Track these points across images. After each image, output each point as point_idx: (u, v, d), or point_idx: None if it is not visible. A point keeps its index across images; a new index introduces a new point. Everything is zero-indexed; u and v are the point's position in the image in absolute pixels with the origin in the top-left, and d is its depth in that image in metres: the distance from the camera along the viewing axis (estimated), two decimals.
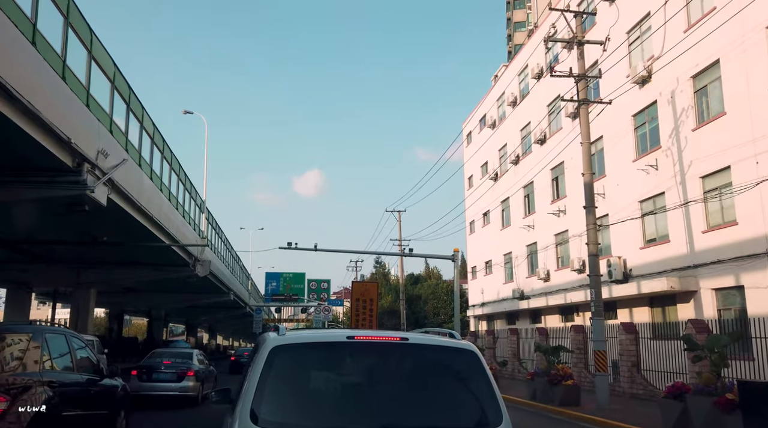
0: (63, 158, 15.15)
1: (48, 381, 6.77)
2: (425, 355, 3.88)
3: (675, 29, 19.86)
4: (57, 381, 7.03)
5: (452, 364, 3.84)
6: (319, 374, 3.88)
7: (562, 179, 29.02)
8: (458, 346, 3.96)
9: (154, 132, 24.28)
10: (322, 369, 3.87)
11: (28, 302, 36.63)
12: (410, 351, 3.88)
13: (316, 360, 3.84)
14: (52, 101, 13.91)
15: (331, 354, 3.88)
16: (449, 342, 4.02)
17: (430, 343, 3.97)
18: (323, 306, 53.43)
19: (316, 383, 3.84)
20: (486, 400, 3.63)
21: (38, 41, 13.31)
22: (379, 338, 3.91)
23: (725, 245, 17.74)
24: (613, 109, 21.84)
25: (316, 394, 3.75)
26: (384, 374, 3.86)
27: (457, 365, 3.83)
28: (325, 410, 3.57)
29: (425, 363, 3.84)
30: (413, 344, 3.89)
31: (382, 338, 3.92)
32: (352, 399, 3.72)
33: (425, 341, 4.01)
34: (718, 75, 18.28)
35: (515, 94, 35.02)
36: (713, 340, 11.28)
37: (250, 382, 3.48)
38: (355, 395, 3.75)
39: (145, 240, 25.34)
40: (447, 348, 3.95)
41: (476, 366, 3.78)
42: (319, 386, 3.84)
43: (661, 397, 12.22)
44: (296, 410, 3.52)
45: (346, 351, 3.88)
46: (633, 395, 17.21)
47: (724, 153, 17.71)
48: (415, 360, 3.86)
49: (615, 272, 22.59)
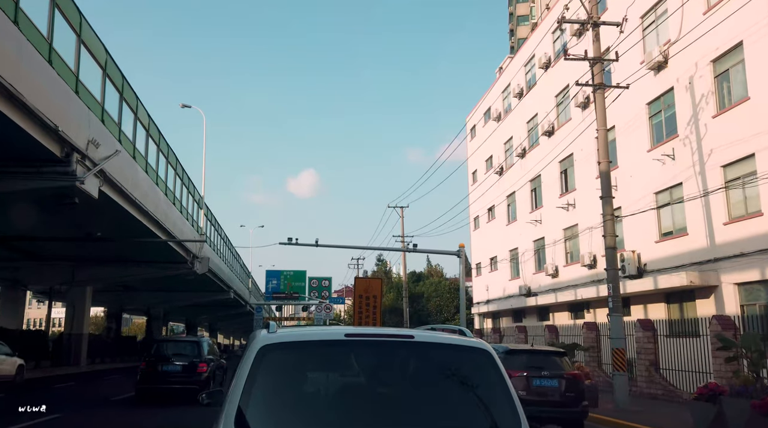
0: (50, 147, 14.38)
1: (209, 359, 16.47)
2: (433, 354, 3.46)
3: (693, 12, 19.02)
4: (212, 359, 17.02)
5: (463, 364, 3.42)
6: (313, 376, 3.50)
7: (571, 172, 28.19)
8: (470, 344, 3.48)
9: (150, 124, 23.44)
10: (316, 370, 3.51)
11: (23, 300, 35.93)
12: (416, 350, 3.43)
13: (310, 361, 3.43)
14: (37, 85, 13.08)
15: (327, 354, 3.45)
16: (460, 340, 3.52)
17: (439, 341, 3.56)
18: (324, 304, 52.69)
19: (309, 386, 3.44)
20: (501, 404, 3.21)
21: (21, 20, 12.47)
22: (382, 336, 3.49)
23: (749, 237, 16.91)
24: (626, 97, 20.99)
25: (309, 398, 3.35)
26: (387, 375, 3.45)
27: (468, 365, 3.41)
28: (320, 416, 3.19)
29: (433, 363, 3.42)
30: (420, 342, 3.44)
31: (386, 336, 3.49)
32: (350, 403, 3.31)
33: (433, 339, 3.61)
34: (741, 58, 17.43)
35: (521, 85, 34.18)
36: (750, 338, 10.44)
37: (236, 385, 3.08)
38: (354, 399, 3.35)
39: (140, 236, 24.59)
40: (458, 347, 3.47)
41: (490, 366, 3.35)
42: (313, 389, 3.44)
43: (692, 399, 11.37)
44: (287, 416, 3.12)
45: (344, 351, 3.44)
46: (652, 395, 16.45)
47: (747, 140, 16.86)
48: (422, 360, 3.44)
49: (629, 267, 21.76)
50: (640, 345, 17.00)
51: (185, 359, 15.89)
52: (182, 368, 15.65)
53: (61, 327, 58.09)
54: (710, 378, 13.75)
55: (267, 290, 55.81)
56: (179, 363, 15.77)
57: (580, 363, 16.75)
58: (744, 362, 11.03)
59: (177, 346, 17.13)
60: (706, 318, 15.28)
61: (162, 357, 16.05)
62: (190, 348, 16.57)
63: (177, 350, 16.52)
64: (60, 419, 12.11)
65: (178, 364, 15.76)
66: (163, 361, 15.85)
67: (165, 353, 16.33)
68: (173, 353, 16.26)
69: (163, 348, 16.75)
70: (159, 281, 37.19)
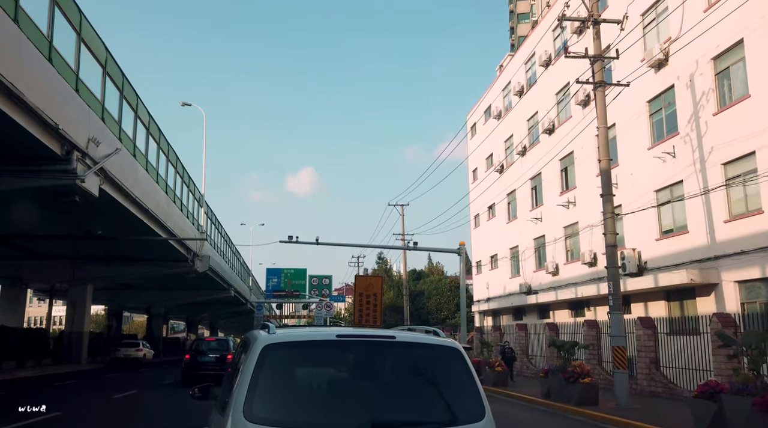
0: (51, 146, 14.37)
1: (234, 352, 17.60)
2: (412, 353, 4.00)
3: (694, 9, 18.97)
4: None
5: (437, 361, 3.93)
6: (309, 371, 4.01)
7: (571, 170, 28.17)
8: (443, 344, 4.03)
9: (150, 122, 23.42)
10: (312, 366, 4.02)
11: (24, 298, 35.94)
12: (397, 349, 3.99)
13: (307, 358, 3.95)
14: (38, 83, 13.08)
15: (321, 352, 3.98)
16: (434, 340, 4.08)
17: (417, 341, 4.10)
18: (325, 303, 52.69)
19: (306, 380, 3.96)
20: (469, 396, 3.74)
21: (21, 18, 12.46)
22: (368, 336, 4.00)
23: (750, 235, 16.89)
24: (626, 95, 20.97)
25: (306, 391, 3.88)
26: (372, 371, 3.93)
27: (441, 361, 3.93)
28: (316, 406, 3.66)
29: (412, 360, 3.96)
30: (400, 342, 4.02)
31: (371, 336, 4.01)
32: (341, 395, 3.80)
33: (412, 339, 4.16)
34: (741, 56, 17.39)
35: (522, 83, 34.13)
36: (751, 336, 10.42)
37: (243, 380, 3.54)
38: (345, 391, 3.85)
39: (141, 234, 24.59)
40: (432, 346, 4.01)
41: (460, 363, 3.88)
42: (309, 383, 3.97)
43: (693, 397, 11.39)
44: (287, 406, 3.59)
45: (335, 349, 3.94)
46: (652, 393, 16.44)
47: (748, 138, 16.83)
48: (402, 358, 3.96)
49: (629, 264, 21.73)
50: (640, 342, 16.96)
51: (217, 352, 21.04)
52: (215, 359, 20.50)
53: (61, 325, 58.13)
54: (711, 376, 13.73)
55: (267, 288, 55.77)
56: (213, 356, 20.87)
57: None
58: (744, 360, 11.02)
59: (210, 344, 22.71)
60: (706, 316, 15.24)
61: (200, 351, 21.62)
62: (220, 344, 22.54)
63: (211, 346, 22.08)
64: (61, 417, 12.12)
65: (212, 356, 20.84)
66: (200, 354, 21.23)
67: (202, 348, 21.92)
68: (208, 348, 21.73)
69: (201, 345, 22.80)
70: (159, 280, 37.20)
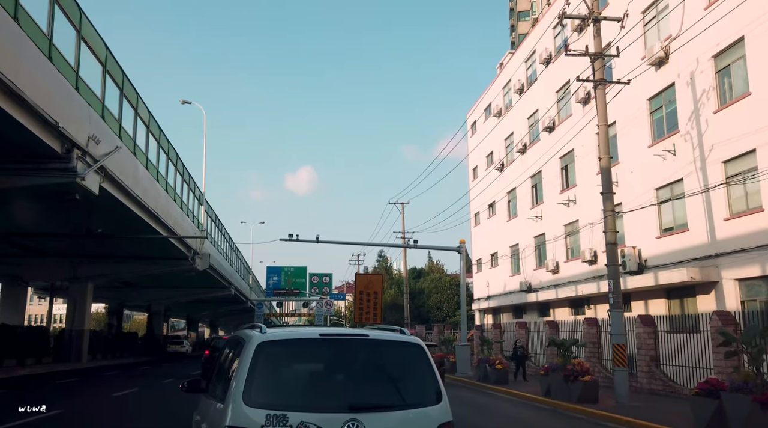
0: (51, 144, 14.36)
1: None
2: (382, 348, 4.75)
3: (694, 7, 18.94)
4: None
5: (403, 355, 4.66)
6: (297, 364, 4.70)
7: (572, 168, 28.15)
8: (408, 341, 4.76)
9: (150, 120, 23.40)
10: (299, 360, 4.70)
11: (24, 296, 35.94)
12: (370, 345, 4.70)
13: (295, 353, 4.67)
14: (37, 81, 13.06)
15: (306, 348, 4.68)
16: (401, 337, 4.81)
17: (386, 338, 4.83)
18: (325, 301, 52.74)
19: (294, 371, 4.67)
20: (430, 384, 4.53)
21: (20, 16, 12.44)
22: (345, 335, 4.83)
23: (750, 233, 16.88)
24: (626, 93, 20.95)
25: (294, 380, 4.57)
26: (349, 363, 4.60)
27: (407, 356, 4.65)
28: (303, 392, 4.40)
29: (382, 354, 4.70)
30: (372, 339, 4.74)
31: (348, 335, 4.81)
32: (324, 383, 4.56)
33: (382, 336, 4.85)
34: (742, 53, 17.37)
35: (522, 81, 34.09)
36: (751, 333, 10.42)
37: (240, 372, 4.22)
38: (327, 380, 4.58)
39: (141, 232, 24.59)
40: (399, 343, 4.74)
41: (422, 356, 4.64)
42: (297, 373, 4.66)
43: (693, 394, 11.39)
44: (279, 393, 4.29)
45: (318, 346, 4.66)
46: (652, 391, 16.46)
47: (748, 136, 16.81)
48: (374, 353, 4.69)
49: (629, 262, 21.71)
50: (640, 340, 16.96)
51: None
52: None
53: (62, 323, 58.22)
54: (711, 374, 13.75)
55: (268, 286, 55.79)
56: None
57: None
58: (744, 357, 11.02)
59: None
60: (706, 314, 15.24)
61: (217, 348, 22.20)
62: None
63: None
64: (61, 415, 12.14)
65: None
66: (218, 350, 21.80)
67: (219, 345, 22.41)
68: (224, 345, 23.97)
69: (218, 343, 24.97)
70: (160, 278, 37.21)
